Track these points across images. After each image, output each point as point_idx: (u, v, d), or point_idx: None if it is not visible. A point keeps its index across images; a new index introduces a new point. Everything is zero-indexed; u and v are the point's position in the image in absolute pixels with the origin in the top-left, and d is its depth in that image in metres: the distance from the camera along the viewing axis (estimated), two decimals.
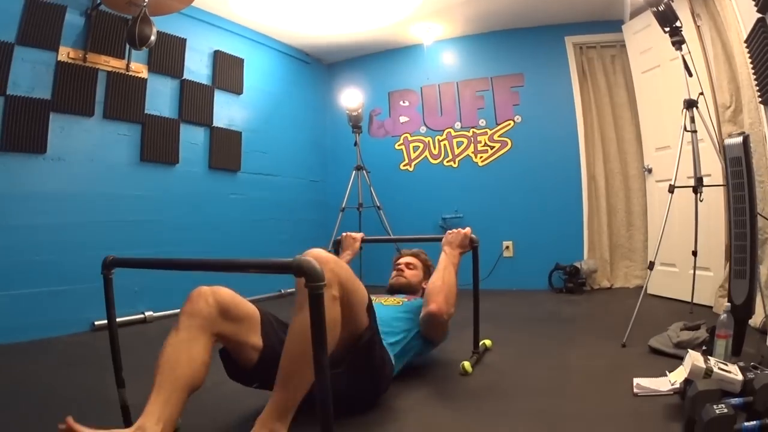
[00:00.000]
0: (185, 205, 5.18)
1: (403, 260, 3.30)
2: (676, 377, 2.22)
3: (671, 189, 3.47)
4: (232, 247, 5.48)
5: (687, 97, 3.53)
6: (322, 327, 1.43)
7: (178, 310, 1.91)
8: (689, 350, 2.23)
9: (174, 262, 2.11)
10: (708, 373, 2.00)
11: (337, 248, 3.46)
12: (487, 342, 3.24)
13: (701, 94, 3.62)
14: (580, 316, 4.40)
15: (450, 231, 3.03)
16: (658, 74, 4.87)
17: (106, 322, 2.04)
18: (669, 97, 4.48)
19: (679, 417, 1.97)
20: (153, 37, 4.26)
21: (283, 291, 5.91)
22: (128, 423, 1.88)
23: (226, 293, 2.00)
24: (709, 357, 2.16)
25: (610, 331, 3.47)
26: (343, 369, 2.04)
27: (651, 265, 3.45)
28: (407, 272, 3.21)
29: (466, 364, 2.75)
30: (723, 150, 2.92)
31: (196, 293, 1.96)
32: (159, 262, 1.92)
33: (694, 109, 3.52)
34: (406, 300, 2.91)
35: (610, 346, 3.15)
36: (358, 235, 3.46)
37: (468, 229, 3.02)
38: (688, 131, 3.52)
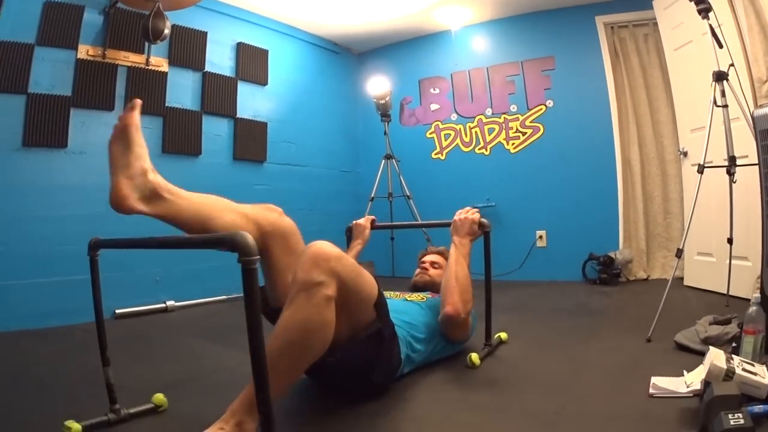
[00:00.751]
0: None
1: (428, 258, 3.24)
2: (693, 378, 2.02)
3: (700, 169, 3.24)
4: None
5: (716, 69, 3.30)
6: (253, 304, 1.33)
7: (200, 300, 1.89)
8: (710, 347, 2.04)
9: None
10: (729, 374, 1.81)
11: (348, 235, 3.35)
12: (503, 335, 3.09)
13: (732, 65, 3.37)
14: (610, 309, 4.20)
15: (458, 213, 2.87)
16: (691, 50, 4.59)
17: (127, 310, 2.04)
18: (702, 74, 4.16)
19: (695, 424, 1.76)
20: (167, 31, 4.41)
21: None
22: (113, 402, 1.96)
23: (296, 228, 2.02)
24: (733, 356, 1.96)
25: (638, 324, 3.25)
26: (340, 358, 1.97)
27: (678, 253, 3.20)
28: (432, 271, 3.14)
29: (474, 356, 2.61)
30: (753, 122, 2.71)
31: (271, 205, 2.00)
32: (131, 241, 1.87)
33: (725, 82, 3.29)
34: (429, 296, 2.84)
35: (634, 341, 2.95)
36: (367, 221, 3.34)
37: (476, 214, 2.85)
38: (719, 106, 3.29)
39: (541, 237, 5.96)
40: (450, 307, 2.55)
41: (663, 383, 2.10)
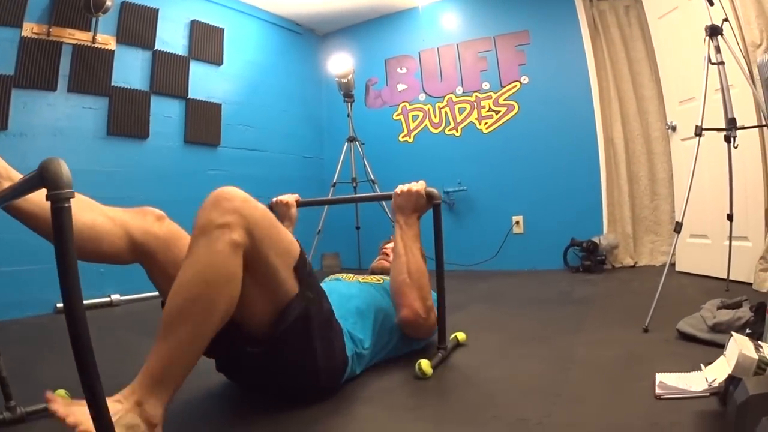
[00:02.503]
0: (157, 181, 4.93)
1: (390, 245, 2.79)
2: (716, 373, 1.60)
3: (698, 131, 2.87)
4: None
5: (709, 23, 2.96)
6: (66, 247, 1.02)
7: (147, 294, 1.59)
8: (733, 334, 1.64)
9: None
10: (763, 366, 1.42)
11: None
12: (460, 336, 2.59)
13: (725, 20, 3.02)
14: (596, 297, 3.84)
15: (399, 187, 2.37)
16: (677, 17, 4.28)
17: None
18: (691, 41, 3.90)
19: None
20: (109, 3, 4.26)
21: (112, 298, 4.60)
22: (7, 396, 1.74)
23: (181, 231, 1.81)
24: (761, 343, 1.57)
25: (631, 313, 2.90)
26: (264, 348, 1.67)
27: (678, 227, 2.81)
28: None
29: (424, 364, 2.08)
30: (751, 75, 2.36)
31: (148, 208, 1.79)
32: None
33: (719, 37, 2.95)
34: (387, 279, 2.43)
35: (629, 332, 2.57)
36: (292, 198, 2.90)
37: (421, 183, 2.34)
38: (714, 63, 2.95)
39: (517, 223, 5.63)
40: (407, 310, 2.18)
41: (671, 381, 1.72)
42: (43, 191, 1.03)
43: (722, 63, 2.96)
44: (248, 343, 1.65)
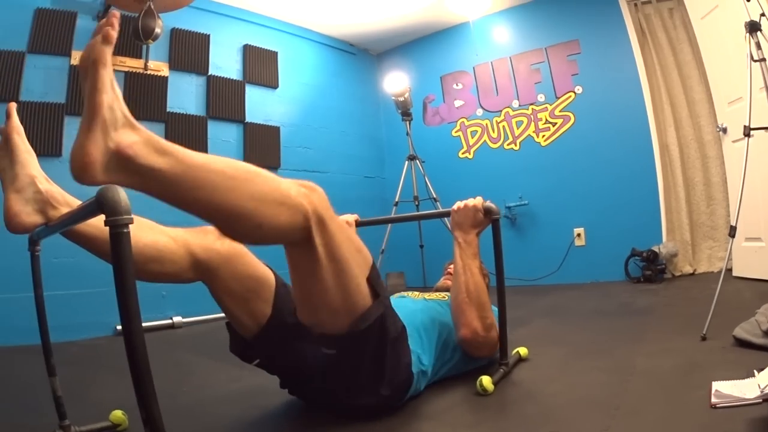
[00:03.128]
0: None
1: (452, 266, 2.79)
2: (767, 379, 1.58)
3: (747, 132, 2.80)
4: (273, 247, 5.15)
5: (748, 19, 2.88)
6: (125, 271, 1.03)
7: (208, 316, 1.63)
8: None
9: None
10: None
11: None
12: (522, 351, 2.56)
13: (762, 15, 2.93)
14: (656, 307, 3.75)
15: (457, 204, 2.36)
16: (719, 15, 4.19)
17: None
18: (734, 39, 3.78)
19: None
20: (158, 30, 4.32)
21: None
22: (62, 417, 1.75)
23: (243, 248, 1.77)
24: None
25: (690, 322, 2.83)
26: (339, 349, 1.68)
27: (732, 231, 2.76)
28: None
29: (485, 380, 2.04)
30: None
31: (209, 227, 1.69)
32: None
33: (758, 33, 2.86)
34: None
35: (688, 341, 2.51)
36: (351, 218, 2.88)
37: (478, 199, 2.32)
38: (756, 60, 2.86)
39: (579, 235, 5.53)
40: (465, 329, 2.15)
41: (726, 389, 1.67)
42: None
43: (764, 59, 2.87)
44: (324, 344, 1.67)
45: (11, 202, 1.45)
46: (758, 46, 2.87)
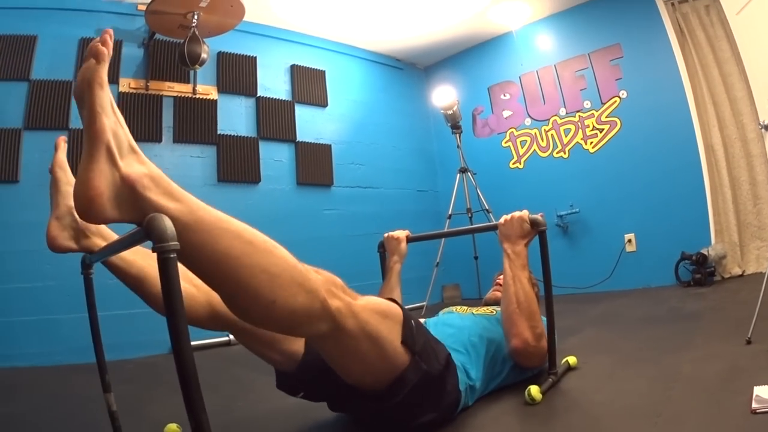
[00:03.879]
0: (272, 223, 4.95)
1: (502, 277, 2.82)
2: None
3: None
4: (328, 263, 5.17)
5: None
6: (173, 293, 1.08)
7: None
8: None
9: None
10: None
11: (382, 252, 3.04)
12: (571, 360, 2.56)
13: None
14: (705, 311, 3.69)
15: (503, 217, 2.40)
16: (755, 9, 4.04)
17: None
18: None
19: None
20: (204, 55, 4.39)
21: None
22: (116, 429, 1.84)
23: None
24: None
25: (736, 326, 2.78)
26: (381, 405, 1.67)
27: None
28: None
29: (533, 390, 2.06)
30: None
31: None
32: None
33: None
34: (499, 309, 2.43)
35: (733, 345, 2.48)
36: (402, 234, 2.97)
37: (524, 211, 2.36)
38: None
39: (630, 241, 5.46)
40: (516, 339, 2.17)
41: (767, 394, 1.68)
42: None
43: None
44: (365, 399, 1.68)
45: (51, 227, 1.59)
46: None
